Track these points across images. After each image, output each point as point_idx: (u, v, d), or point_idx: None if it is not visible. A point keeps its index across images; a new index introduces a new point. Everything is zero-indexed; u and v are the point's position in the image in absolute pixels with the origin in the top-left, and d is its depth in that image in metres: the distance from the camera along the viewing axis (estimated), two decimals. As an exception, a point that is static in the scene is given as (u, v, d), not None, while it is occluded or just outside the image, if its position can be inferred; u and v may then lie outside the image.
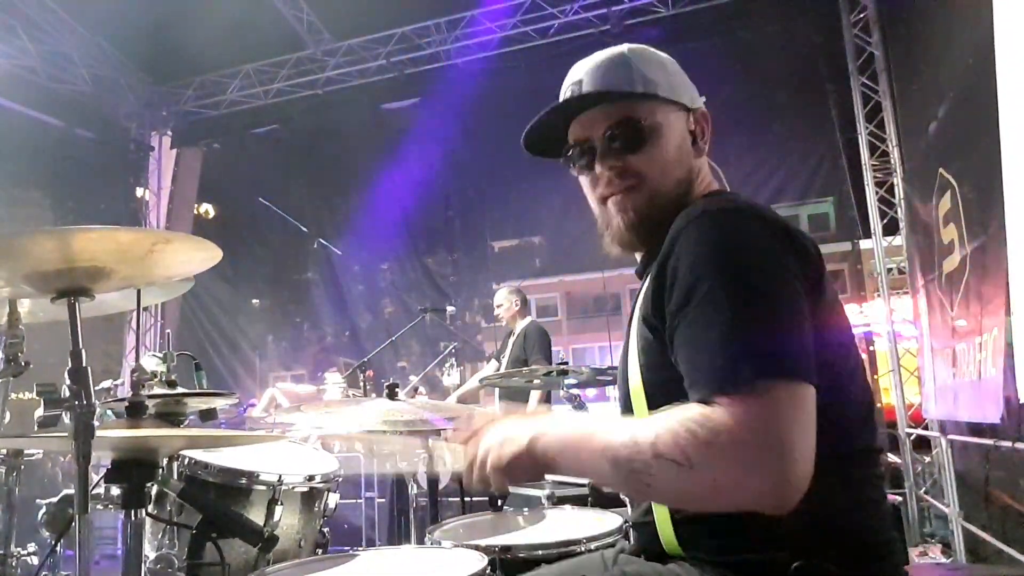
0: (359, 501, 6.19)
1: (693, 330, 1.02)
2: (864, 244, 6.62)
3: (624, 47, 1.32)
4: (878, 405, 6.24)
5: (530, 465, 1.11)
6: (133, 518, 1.37)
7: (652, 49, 1.34)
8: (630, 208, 1.26)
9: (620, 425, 1.05)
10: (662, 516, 1.17)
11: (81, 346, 1.24)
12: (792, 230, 1.09)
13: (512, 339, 5.31)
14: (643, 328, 1.16)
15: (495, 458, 1.13)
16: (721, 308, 1.00)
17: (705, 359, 0.99)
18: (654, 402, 1.14)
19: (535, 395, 4.96)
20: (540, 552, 1.73)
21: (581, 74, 1.31)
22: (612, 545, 1.61)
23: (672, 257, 1.09)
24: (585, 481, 2.49)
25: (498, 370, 5.49)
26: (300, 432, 2.78)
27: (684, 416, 0.96)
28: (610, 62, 1.29)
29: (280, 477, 2.10)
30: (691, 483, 0.95)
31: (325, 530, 2.30)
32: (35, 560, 2.12)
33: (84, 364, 1.23)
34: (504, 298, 5.41)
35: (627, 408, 1.23)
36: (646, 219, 1.26)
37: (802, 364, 0.97)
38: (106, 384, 2.35)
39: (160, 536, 1.99)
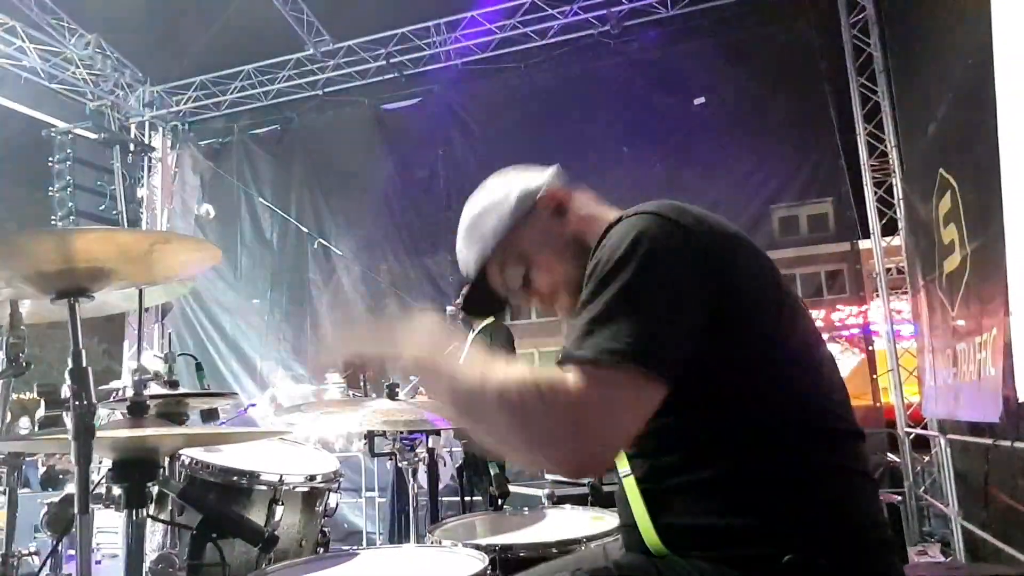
0: (359, 501, 6.21)
1: (578, 320, 1.11)
2: (863, 244, 6.62)
3: (463, 219, 1.43)
4: (877, 404, 6.25)
5: (433, 381, 1.23)
6: (134, 518, 1.38)
7: (480, 196, 1.42)
8: (566, 309, 1.36)
9: (495, 377, 1.10)
10: (642, 519, 1.18)
11: (81, 346, 1.24)
12: (697, 230, 1.12)
13: (472, 335, 5.24)
14: None
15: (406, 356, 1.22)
16: (597, 300, 1.07)
17: (572, 337, 1.08)
18: None
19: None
20: (540, 552, 1.73)
21: (460, 259, 1.45)
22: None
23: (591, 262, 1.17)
24: (585, 480, 2.50)
25: None
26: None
27: (538, 376, 1.05)
28: (461, 245, 1.43)
29: (281, 477, 2.10)
30: (520, 433, 1.06)
31: (326, 530, 2.31)
32: (36, 560, 2.12)
33: (84, 364, 1.23)
34: None
35: None
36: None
37: (650, 355, 1.02)
38: (116, 384, 2.36)
39: (161, 536, 2.00)
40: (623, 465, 1.22)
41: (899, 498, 5.59)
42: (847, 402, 1.20)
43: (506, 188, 1.41)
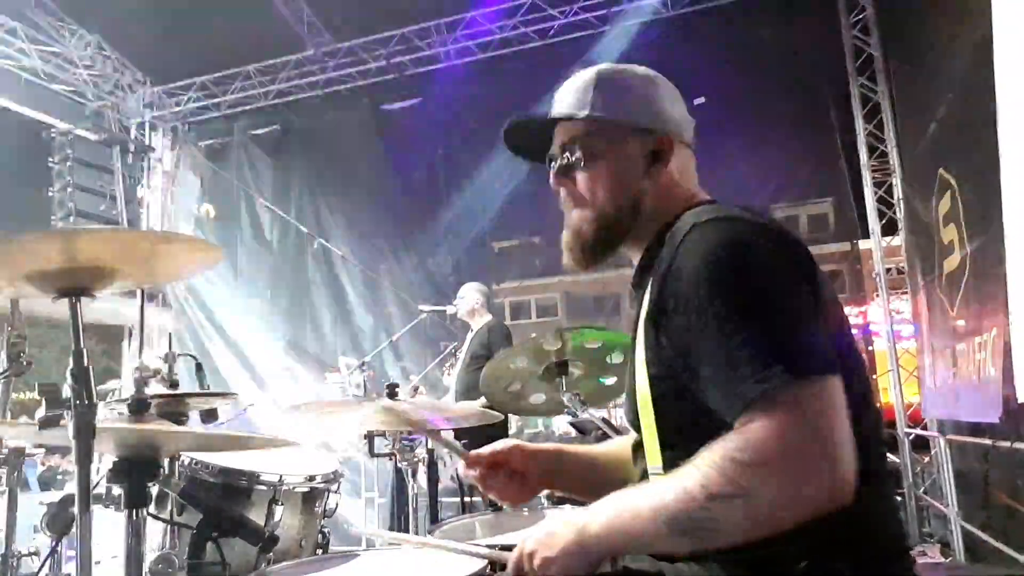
0: (359, 501, 6.21)
1: (715, 350, 1.02)
2: (863, 244, 6.63)
3: (597, 69, 1.34)
4: (877, 404, 6.25)
5: (586, 560, 1.07)
6: (134, 518, 1.38)
7: (628, 71, 1.35)
8: (575, 226, 1.30)
9: (663, 484, 1.02)
10: None
11: (83, 345, 1.24)
12: (786, 234, 1.11)
13: (470, 335, 5.24)
14: (650, 340, 1.16)
15: (543, 562, 1.09)
16: (736, 321, 1.00)
17: (732, 376, 0.98)
18: (662, 411, 1.16)
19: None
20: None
21: (560, 91, 1.36)
22: None
23: (673, 271, 1.10)
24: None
25: (453, 366, 5.47)
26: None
27: (724, 448, 0.96)
28: (575, 84, 1.33)
29: (281, 477, 2.11)
30: (754, 511, 0.94)
31: (326, 530, 2.31)
32: (36, 560, 2.12)
33: (85, 364, 1.23)
34: (467, 292, 5.29)
35: (634, 416, 1.24)
36: (588, 239, 1.29)
37: (825, 357, 0.99)
38: (112, 384, 2.37)
39: (161, 536, 1.99)
40: (653, 460, 1.20)
41: (899, 499, 5.60)
42: (878, 408, 1.19)
43: (658, 90, 1.34)
